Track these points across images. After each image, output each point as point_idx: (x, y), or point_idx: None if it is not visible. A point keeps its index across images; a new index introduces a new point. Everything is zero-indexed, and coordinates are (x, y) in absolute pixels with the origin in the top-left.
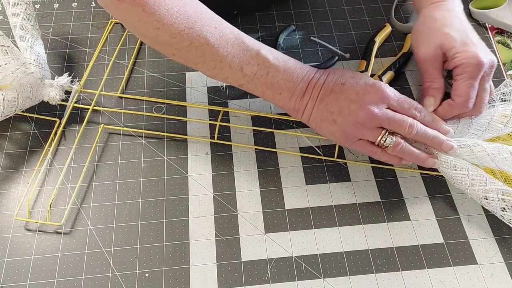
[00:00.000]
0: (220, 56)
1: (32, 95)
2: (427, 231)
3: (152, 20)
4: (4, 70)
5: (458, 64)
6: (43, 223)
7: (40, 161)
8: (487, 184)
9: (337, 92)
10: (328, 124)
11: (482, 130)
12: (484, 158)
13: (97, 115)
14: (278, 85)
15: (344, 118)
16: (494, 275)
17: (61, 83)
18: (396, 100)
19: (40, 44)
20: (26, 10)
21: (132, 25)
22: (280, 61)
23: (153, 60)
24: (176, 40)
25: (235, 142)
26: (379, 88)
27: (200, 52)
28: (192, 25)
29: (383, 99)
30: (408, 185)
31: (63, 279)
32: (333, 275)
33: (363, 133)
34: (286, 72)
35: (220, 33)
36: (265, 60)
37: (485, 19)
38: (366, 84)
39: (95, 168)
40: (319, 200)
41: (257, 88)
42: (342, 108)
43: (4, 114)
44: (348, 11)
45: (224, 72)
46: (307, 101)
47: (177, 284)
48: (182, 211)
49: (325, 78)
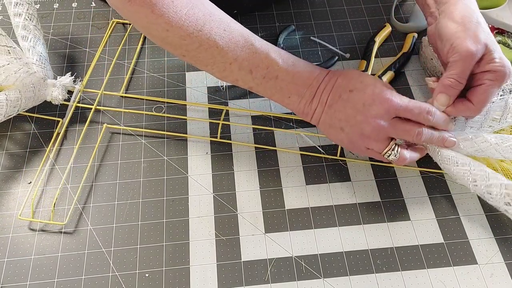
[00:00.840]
0: (229, 59)
1: (34, 95)
2: (427, 231)
3: (161, 22)
4: (7, 70)
5: (494, 70)
6: (47, 223)
7: (43, 161)
8: (489, 179)
9: (344, 99)
10: (336, 131)
11: (480, 122)
12: (488, 149)
13: (97, 115)
14: (287, 89)
15: (351, 127)
16: (494, 275)
17: (63, 82)
18: (405, 107)
19: (42, 44)
20: (28, 10)
21: (141, 26)
22: (289, 64)
23: (153, 60)
24: (186, 42)
25: (237, 141)
26: (386, 99)
27: (210, 54)
28: (201, 27)
29: (389, 111)
30: (408, 185)
31: (63, 279)
32: (333, 275)
33: (369, 144)
34: (296, 76)
35: (229, 35)
36: (274, 64)
37: (485, 19)
38: (373, 93)
39: (95, 168)
40: (319, 200)
41: (266, 91)
42: (348, 117)
43: (7, 114)
44: (348, 11)
45: (234, 75)
46: (316, 106)
47: (177, 284)
48: (182, 211)
49: (335, 82)
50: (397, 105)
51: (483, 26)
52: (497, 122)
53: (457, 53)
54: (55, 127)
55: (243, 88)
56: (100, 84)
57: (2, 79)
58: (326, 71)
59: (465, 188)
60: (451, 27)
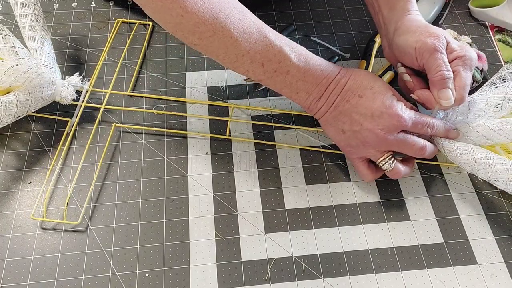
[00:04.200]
0: (242, 51)
1: (44, 96)
2: (427, 231)
3: (176, 6)
4: (16, 71)
5: (460, 55)
6: (60, 222)
7: (54, 160)
8: (495, 165)
9: (352, 105)
10: (336, 132)
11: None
12: (492, 134)
13: (97, 114)
14: (296, 85)
15: (353, 133)
16: (494, 275)
17: (72, 82)
18: (411, 123)
19: (50, 45)
20: (34, 10)
21: (155, 11)
22: (301, 60)
23: (153, 60)
24: (200, 29)
25: (236, 140)
26: (395, 114)
27: (223, 44)
28: (217, 15)
29: (396, 126)
30: (408, 185)
31: (63, 279)
32: (333, 275)
33: (367, 152)
34: (307, 74)
35: (244, 25)
36: (287, 59)
37: (484, 18)
38: (383, 105)
39: (95, 168)
40: (319, 200)
41: (275, 85)
42: (354, 123)
43: (17, 115)
44: (348, 11)
45: (245, 66)
46: (322, 105)
47: (177, 284)
48: (182, 211)
49: (345, 84)
50: (405, 120)
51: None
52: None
53: (425, 51)
54: (55, 127)
55: (253, 79)
56: (102, 83)
57: (11, 80)
58: (338, 69)
59: (465, 188)
60: (409, 38)
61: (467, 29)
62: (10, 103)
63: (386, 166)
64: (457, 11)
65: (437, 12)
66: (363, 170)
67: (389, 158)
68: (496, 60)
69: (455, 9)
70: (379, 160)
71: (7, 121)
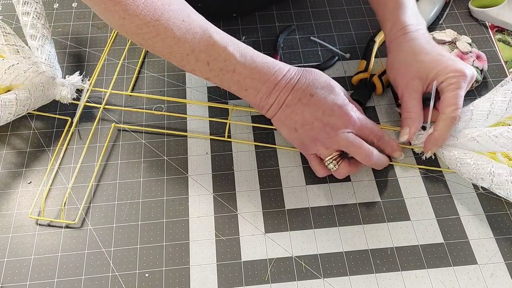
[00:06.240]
0: (186, 50)
1: (44, 94)
2: (427, 231)
3: (118, 9)
4: (16, 69)
5: (442, 80)
6: (57, 221)
7: (53, 159)
8: (494, 176)
9: (304, 103)
10: (289, 130)
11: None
12: (490, 144)
13: (97, 113)
14: (244, 82)
15: (305, 131)
16: (494, 275)
17: (72, 82)
18: (359, 125)
19: (51, 43)
20: (36, 9)
21: (99, 13)
22: (247, 58)
23: (153, 60)
24: (143, 31)
25: (237, 141)
26: (346, 113)
27: (167, 44)
28: (159, 17)
29: (347, 125)
30: (408, 185)
31: (63, 279)
32: (333, 275)
33: (318, 149)
34: (253, 71)
35: (187, 26)
36: (232, 57)
37: (484, 18)
38: (334, 104)
39: (95, 168)
40: (319, 200)
41: (223, 83)
42: (305, 121)
43: (17, 113)
44: (348, 11)
45: (191, 65)
46: (272, 102)
47: (177, 284)
48: (182, 211)
49: (295, 82)
50: (355, 120)
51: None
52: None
53: (451, 73)
54: (55, 126)
55: (201, 78)
56: (103, 83)
57: (12, 78)
58: (287, 68)
59: (465, 188)
60: (388, 70)
61: (467, 29)
62: (10, 102)
63: (330, 166)
64: (457, 11)
65: (437, 12)
66: (315, 166)
67: (334, 158)
68: (496, 60)
69: (455, 9)
70: (326, 159)
71: (7, 119)
